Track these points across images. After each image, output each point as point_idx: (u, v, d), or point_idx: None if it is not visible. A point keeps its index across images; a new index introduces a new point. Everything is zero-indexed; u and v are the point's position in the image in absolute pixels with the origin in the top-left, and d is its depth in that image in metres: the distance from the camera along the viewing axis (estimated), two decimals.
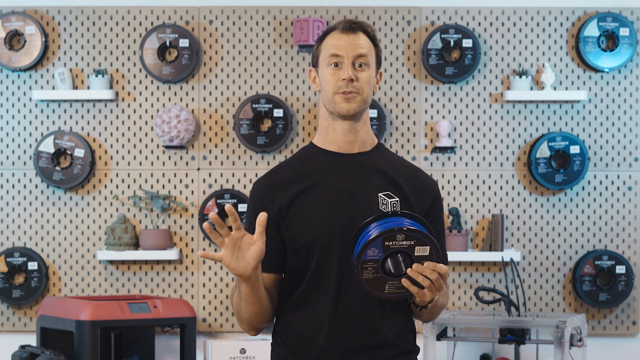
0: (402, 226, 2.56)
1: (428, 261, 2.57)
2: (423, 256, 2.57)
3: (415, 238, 2.56)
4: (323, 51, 2.80)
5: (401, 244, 2.56)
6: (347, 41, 2.77)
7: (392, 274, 2.59)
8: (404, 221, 2.61)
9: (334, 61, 2.77)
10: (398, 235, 2.55)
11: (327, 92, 2.78)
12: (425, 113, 5.25)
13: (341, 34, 2.78)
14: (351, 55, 2.76)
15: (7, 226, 5.23)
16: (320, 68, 2.80)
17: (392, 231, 2.55)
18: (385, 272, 2.59)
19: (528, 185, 5.25)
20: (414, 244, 2.56)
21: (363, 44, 2.78)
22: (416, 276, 2.57)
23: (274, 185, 2.80)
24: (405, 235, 2.55)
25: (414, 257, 2.57)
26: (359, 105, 2.77)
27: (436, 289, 2.60)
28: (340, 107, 2.76)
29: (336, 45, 2.77)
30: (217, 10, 5.25)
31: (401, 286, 2.59)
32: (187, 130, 5.11)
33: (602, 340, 5.27)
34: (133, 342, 5.00)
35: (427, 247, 2.57)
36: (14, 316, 5.24)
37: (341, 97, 2.76)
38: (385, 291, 2.60)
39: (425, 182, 2.85)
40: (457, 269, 5.24)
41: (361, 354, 2.73)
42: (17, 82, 5.23)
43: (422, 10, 5.25)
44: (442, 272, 2.58)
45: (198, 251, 5.22)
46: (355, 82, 2.75)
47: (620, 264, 5.20)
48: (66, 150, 5.17)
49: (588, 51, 5.20)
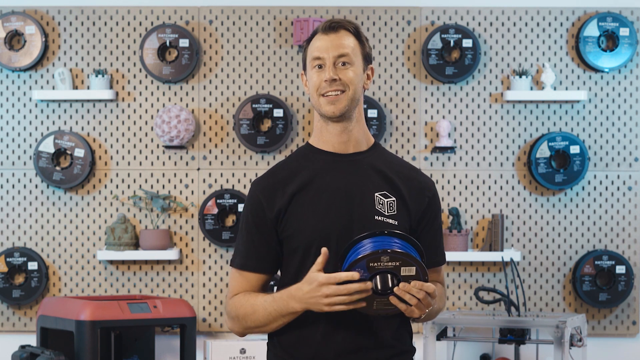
0: (386, 248, 2.56)
1: (415, 280, 2.57)
2: (410, 276, 2.58)
3: (399, 260, 2.56)
4: (308, 55, 2.80)
5: (386, 265, 2.57)
6: (327, 42, 2.76)
7: (380, 292, 2.59)
8: (392, 242, 2.61)
9: (317, 63, 2.76)
10: (383, 257, 2.56)
11: (313, 94, 2.78)
12: (425, 113, 5.25)
13: (323, 35, 2.78)
14: (332, 56, 2.75)
15: (7, 226, 5.24)
16: (307, 71, 2.81)
17: (376, 253, 2.56)
18: (372, 289, 2.59)
19: (528, 185, 5.25)
20: (399, 264, 2.57)
21: (344, 43, 2.77)
22: (403, 295, 2.58)
23: (272, 186, 2.79)
24: (390, 257, 2.56)
25: (400, 277, 2.57)
26: (345, 104, 2.76)
27: (424, 306, 2.61)
28: (325, 110, 2.76)
29: (318, 47, 2.77)
30: (217, 10, 5.25)
31: (389, 303, 2.60)
32: (187, 130, 5.12)
33: (602, 340, 5.27)
34: (133, 342, 5.00)
35: (413, 268, 2.57)
36: (14, 316, 5.24)
37: (325, 99, 2.75)
38: (373, 307, 2.61)
39: (421, 181, 2.84)
40: (457, 269, 5.24)
41: (357, 354, 2.73)
42: (17, 82, 5.24)
43: (422, 10, 5.25)
44: (429, 291, 2.58)
45: (198, 251, 5.23)
46: (338, 81, 2.75)
47: (620, 264, 5.20)
48: (66, 150, 5.17)
49: (588, 51, 5.20)
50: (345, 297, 2.58)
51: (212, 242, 5.20)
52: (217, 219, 5.18)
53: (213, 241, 5.19)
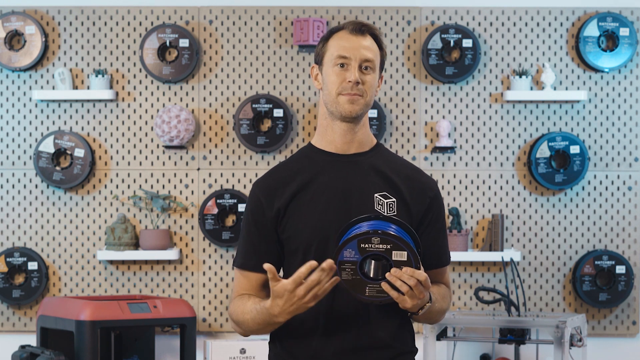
0: (377, 229, 2.56)
1: (407, 267, 2.57)
2: (401, 261, 2.57)
3: (391, 242, 2.55)
4: (329, 51, 2.77)
5: (377, 247, 2.56)
6: (355, 43, 2.76)
7: (372, 278, 2.58)
8: (387, 226, 2.61)
9: (340, 62, 2.75)
10: (373, 238, 2.56)
11: (331, 92, 2.76)
12: (425, 113, 5.25)
13: (350, 35, 2.77)
14: (358, 58, 2.75)
15: (7, 226, 5.24)
16: (325, 67, 2.78)
17: (367, 233, 2.55)
18: (365, 275, 2.59)
19: (528, 185, 5.25)
20: (390, 248, 2.56)
21: (371, 48, 2.77)
22: (394, 281, 2.56)
23: (273, 187, 2.80)
24: (380, 239, 2.55)
25: (392, 261, 2.57)
26: (361, 108, 2.76)
27: (416, 295, 2.59)
28: (343, 108, 2.75)
29: (344, 46, 2.75)
30: (217, 10, 5.25)
31: (382, 290, 2.59)
32: (187, 130, 5.12)
33: (602, 340, 5.27)
34: (133, 342, 5.01)
35: (405, 253, 2.56)
36: (14, 316, 5.24)
37: (345, 98, 2.74)
38: (366, 294, 2.60)
39: (423, 182, 2.84)
40: (457, 269, 5.24)
41: (356, 354, 2.73)
42: (17, 82, 5.24)
43: (422, 10, 5.25)
44: (420, 278, 2.57)
45: (198, 251, 5.23)
46: (360, 85, 2.74)
47: (620, 264, 5.20)
48: (66, 150, 5.17)
49: (588, 51, 5.20)
50: (318, 286, 2.57)
51: (212, 242, 5.19)
52: (217, 219, 5.18)
53: (213, 241, 5.19)
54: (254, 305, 2.72)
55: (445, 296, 2.84)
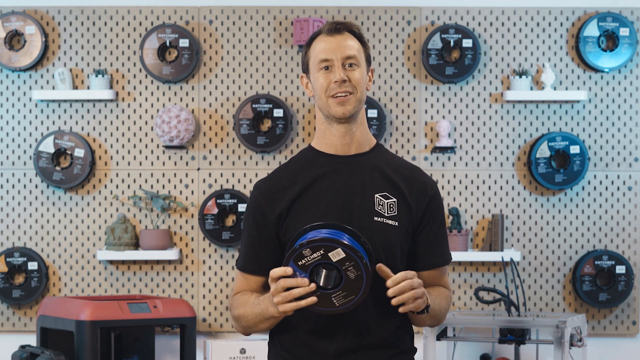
0: (302, 241, 2.53)
1: (348, 260, 2.52)
2: (342, 259, 2.53)
3: (321, 247, 2.52)
4: (312, 56, 2.79)
5: (313, 258, 2.54)
6: (333, 43, 2.76)
7: (330, 288, 2.55)
8: (317, 233, 2.57)
9: (324, 65, 2.76)
10: (304, 251, 2.53)
11: (321, 96, 2.77)
12: (425, 113, 5.25)
13: (328, 37, 2.78)
14: (340, 57, 2.75)
15: (7, 226, 5.24)
16: (312, 73, 2.80)
17: (295, 250, 2.53)
18: (323, 287, 2.56)
19: (528, 185, 5.25)
20: (324, 252, 2.53)
21: (351, 44, 2.77)
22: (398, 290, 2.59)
23: (273, 190, 2.79)
24: (310, 248, 2.52)
25: (334, 263, 2.53)
26: (354, 106, 2.76)
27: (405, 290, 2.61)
28: (335, 111, 2.76)
29: (324, 48, 2.76)
30: (217, 10, 5.25)
31: (347, 294, 2.56)
32: (187, 130, 5.12)
33: (602, 340, 5.27)
34: (133, 342, 5.01)
35: (338, 248, 2.52)
36: (14, 316, 5.24)
37: (334, 100, 2.75)
38: (336, 305, 2.57)
39: (423, 182, 2.84)
40: (457, 269, 5.24)
41: (357, 353, 2.73)
42: (17, 82, 5.24)
43: (422, 10, 5.25)
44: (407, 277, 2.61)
45: (198, 251, 5.23)
46: (348, 83, 2.75)
47: (620, 264, 5.20)
48: (66, 150, 5.17)
49: (588, 51, 5.20)
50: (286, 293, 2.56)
51: (212, 242, 5.20)
52: (217, 219, 5.18)
53: (213, 241, 5.19)
54: (257, 298, 2.74)
55: (445, 297, 2.83)
